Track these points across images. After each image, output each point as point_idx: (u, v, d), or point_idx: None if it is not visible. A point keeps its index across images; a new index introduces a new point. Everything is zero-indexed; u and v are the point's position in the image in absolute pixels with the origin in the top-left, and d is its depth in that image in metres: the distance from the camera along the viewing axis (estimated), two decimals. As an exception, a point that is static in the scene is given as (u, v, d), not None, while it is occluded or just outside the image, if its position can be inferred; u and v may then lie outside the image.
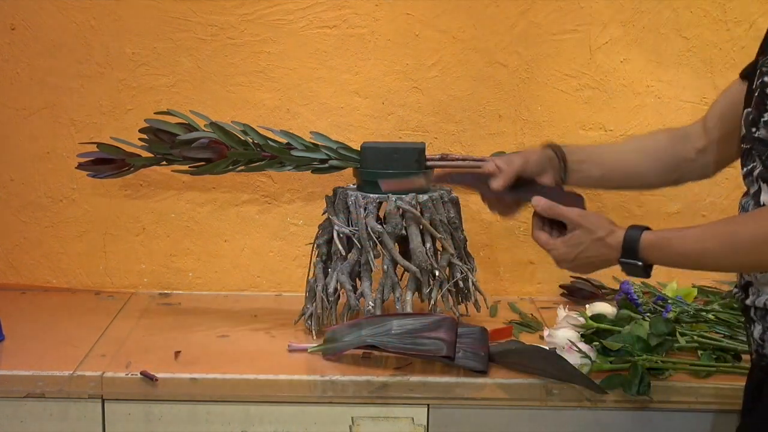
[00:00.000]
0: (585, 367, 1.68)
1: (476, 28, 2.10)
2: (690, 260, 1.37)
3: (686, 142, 1.62)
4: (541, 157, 1.62)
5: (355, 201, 1.85)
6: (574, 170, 1.64)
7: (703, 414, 1.68)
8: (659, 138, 1.66)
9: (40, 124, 2.12)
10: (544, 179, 1.62)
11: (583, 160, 1.64)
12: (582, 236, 1.48)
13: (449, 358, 1.69)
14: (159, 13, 2.08)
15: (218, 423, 1.69)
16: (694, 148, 1.61)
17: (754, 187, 1.36)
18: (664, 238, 1.39)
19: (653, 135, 1.69)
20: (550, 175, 1.63)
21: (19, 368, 1.69)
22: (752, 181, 1.37)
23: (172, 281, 2.19)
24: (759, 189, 1.34)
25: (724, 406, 1.66)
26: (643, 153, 1.64)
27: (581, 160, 1.64)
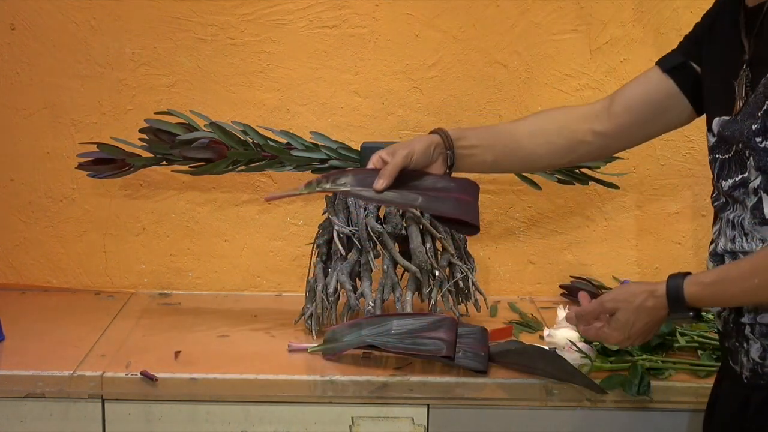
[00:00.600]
0: (585, 367, 1.68)
1: (476, 28, 2.10)
2: (737, 301, 1.34)
3: (584, 122, 1.57)
4: (426, 146, 1.52)
5: (355, 201, 1.85)
6: (465, 155, 1.56)
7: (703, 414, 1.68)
8: (555, 118, 1.60)
9: (40, 124, 2.12)
10: (434, 168, 1.53)
11: (474, 144, 1.56)
12: (625, 315, 1.41)
13: (449, 358, 1.69)
14: (159, 13, 2.08)
15: (218, 423, 1.69)
16: (593, 131, 1.57)
17: (751, 200, 1.33)
18: (708, 288, 1.34)
19: (548, 115, 1.62)
20: (439, 163, 1.54)
21: (19, 368, 1.69)
22: (746, 193, 1.33)
23: (172, 281, 2.19)
24: (760, 200, 1.31)
25: (724, 406, 1.66)
26: (537, 136, 1.58)
27: (472, 145, 1.56)
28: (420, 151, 1.51)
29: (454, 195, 1.52)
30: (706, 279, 1.34)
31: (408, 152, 1.49)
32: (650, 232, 2.17)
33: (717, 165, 1.38)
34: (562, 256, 2.19)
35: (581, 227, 2.17)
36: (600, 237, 2.17)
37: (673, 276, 1.37)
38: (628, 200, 2.15)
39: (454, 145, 1.54)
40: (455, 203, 1.51)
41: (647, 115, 1.52)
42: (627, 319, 1.40)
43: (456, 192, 1.52)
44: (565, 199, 2.16)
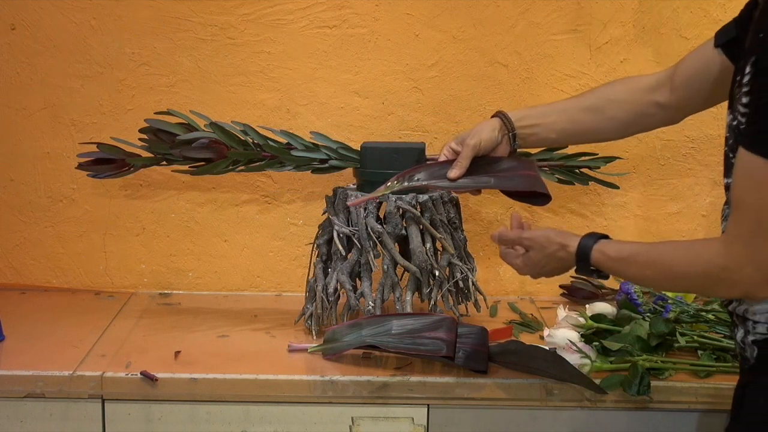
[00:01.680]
0: (585, 367, 1.68)
1: (476, 28, 2.10)
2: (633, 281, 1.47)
3: (647, 94, 1.59)
4: (491, 131, 1.63)
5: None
6: (528, 135, 1.65)
7: (703, 414, 1.68)
8: (615, 91, 1.63)
9: (40, 124, 2.12)
10: (499, 150, 1.65)
11: (536, 124, 1.65)
12: (536, 256, 1.54)
13: (449, 358, 1.69)
14: (159, 13, 2.08)
15: (218, 423, 1.69)
16: (656, 102, 1.59)
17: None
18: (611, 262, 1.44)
19: (608, 88, 1.65)
20: (504, 145, 1.65)
21: (19, 368, 1.69)
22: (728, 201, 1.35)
23: (172, 281, 2.19)
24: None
25: (723, 406, 1.65)
26: (599, 112, 1.63)
27: (533, 124, 1.65)
28: (487, 138, 1.62)
29: (520, 172, 1.64)
30: (611, 252, 1.44)
31: (476, 141, 1.62)
32: (650, 232, 2.17)
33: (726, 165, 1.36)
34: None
35: (581, 227, 2.17)
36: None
37: (587, 237, 1.48)
38: (628, 200, 2.15)
39: (515, 126, 1.64)
40: (523, 179, 1.64)
41: (706, 88, 1.52)
42: (538, 260, 1.54)
43: (520, 170, 1.65)
44: (565, 199, 2.16)
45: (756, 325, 1.33)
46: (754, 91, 1.23)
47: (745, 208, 1.25)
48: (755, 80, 1.23)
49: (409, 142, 2.07)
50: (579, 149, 1.98)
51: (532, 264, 1.56)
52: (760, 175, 1.22)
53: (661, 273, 1.38)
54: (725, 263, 1.28)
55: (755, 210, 1.24)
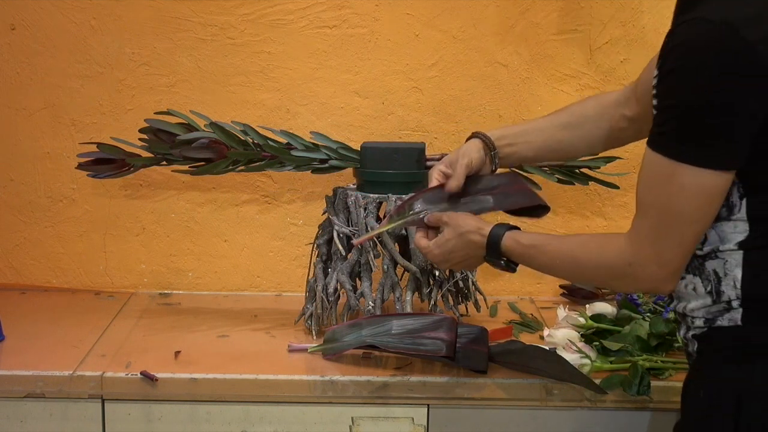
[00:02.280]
0: (585, 367, 1.68)
1: (476, 28, 2.10)
2: (542, 271, 1.50)
3: (616, 108, 1.60)
4: (479, 153, 1.62)
5: (355, 201, 1.85)
6: (508, 154, 1.64)
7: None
8: (588, 108, 1.64)
9: (40, 124, 2.12)
10: (484, 170, 1.64)
11: (515, 143, 1.64)
12: (448, 234, 1.55)
13: (449, 358, 1.69)
14: (159, 13, 2.08)
15: (218, 423, 1.69)
16: (625, 116, 1.59)
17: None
18: (523, 248, 1.47)
19: (581, 106, 1.65)
20: (487, 164, 1.64)
21: (19, 368, 1.69)
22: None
23: (172, 281, 2.19)
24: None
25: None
26: (572, 128, 1.63)
27: (512, 143, 1.64)
28: (476, 157, 1.61)
29: (514, 188, 1.64)
30: (523, 240, 1.47)
31: (468, 161, 1.60)
32: (650, 232, 2.16)
33: None
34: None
35: (581, 227, 2.17)
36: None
37: (499, 225, 1.51)
38: (628, 200, 2.15)
39: (496, 145, 1.63)
40: (519, 194, 1.64)
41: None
42: (448, 241, 1.54)
43: (513, 185, 1.65)
44: (565, 199, 2.16)
45: (694, 320, 1.37)
46: (658, 93, 1.26)
47: (648, 206, 1.30)
48: (659, 83, 1.26)
49: (409, 142, 2.07)
50: (579, 149, 1.98)
51: (442, 245, 1.55)
52: (661, 173, 1.27)
53: (569, 264, 1.42)
54: (630, 259, 1.32)
55: (657, 208, 1.29)
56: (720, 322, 1.34)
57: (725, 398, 1.31)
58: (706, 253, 1.33)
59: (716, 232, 1.32)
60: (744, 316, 1.32)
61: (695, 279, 1.35)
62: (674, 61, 1.23)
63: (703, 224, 1.29)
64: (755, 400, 1.29)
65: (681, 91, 1.24)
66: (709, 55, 1.21)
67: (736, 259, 1.31)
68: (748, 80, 1.21)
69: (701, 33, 1.21)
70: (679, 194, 1.26)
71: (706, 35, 1.21)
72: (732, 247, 1.31)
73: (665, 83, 1.25)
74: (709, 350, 1.37)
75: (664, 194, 1.28)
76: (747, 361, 1.31)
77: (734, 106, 1.22)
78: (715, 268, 1.33)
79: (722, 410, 1.31)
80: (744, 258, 1.31)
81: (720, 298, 1.33)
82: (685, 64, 1.22)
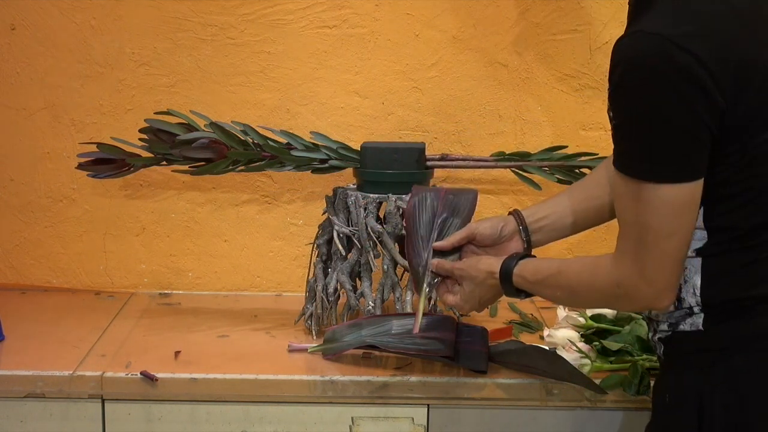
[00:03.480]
0: (585, 367, 1.68)
1: (476, 28, 2.10)
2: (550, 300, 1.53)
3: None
4: (493, 224, 1.62)
5: (355, 201, 1.85)
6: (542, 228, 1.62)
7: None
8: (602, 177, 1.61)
9: (40, 124, 2.12)
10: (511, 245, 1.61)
11: (548, 214, 1.62)
12: (469, 287, 1.58)
13: (449, 358, 1.69)
14: (159, 13, 2.08)
15: (218, 423, 1.69)
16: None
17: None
18: (528, 283, 1.49)
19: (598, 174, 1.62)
20: (516, 241, 1.61)
21: (19, 368, 1.69)
22: None
23: (172, 281, 2.19)
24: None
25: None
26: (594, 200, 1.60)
27: (547, 215, 1.62)
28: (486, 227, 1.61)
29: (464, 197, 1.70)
30: (528, 275, 1.49)
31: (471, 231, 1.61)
32: (650, 232, 2.16)
33: None
34: (562, 256, 2.18)
35: (581, 227, 2.17)
36: (600, 237, 2.17)
37: (508, 260, 1.52)
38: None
39: (526, 222, 1.61)
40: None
41: None
42: (472, 291, 1.57)
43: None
44: (565, 199, 2.16)
45: (659, 323, 1.40)
46: (611, 110, 1.27)
47: (625, 224, 1.31)
48: (609, 100, 1.27)
49: (409, 142, 2.07)
50: (579, 149, 1.98)
51: (468, 297, 1.58)
52: (627, 192, 1.28)
53: (569, 294, 1.45)
54: (617, 280, 1.33)
55: (632, 226, 1.29)
56: (683, 327, 1.37)
57: (689, 401, 1.34)
58: None
59: None
60: (705, 320, 1.34)
61: None
62: (620, 77, 1.24)
63: (680, 236, 1.28)
64: (717, 402, 1.32)
65: (630, 107, 1.24)
66: (654, 70, 1.21)
67: (695, 266, 1.34)
68: (691, 93, 1.21)
69: (642, 47, 1.22)
70: (647, 210, 1.26)
71: (647, 49, 1.21)
72: (691, 254, 1.33)
73: (613, 99, 1.26)
74: (673, 354, 1.40)
75: (635, 212, 1.27)
76: (708, 365, 1.34)
77: (686, 118, 1.22)
78: None
79: (686, 413, 1.34)
80: (702, 265, 1.33)
81: (681, 304, 1.36)
82: (630, 79, 1.23)
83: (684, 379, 1.37)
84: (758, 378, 1.31)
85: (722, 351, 1.33)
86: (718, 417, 1.32)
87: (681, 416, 1.35)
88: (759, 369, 1.31)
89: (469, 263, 1.59)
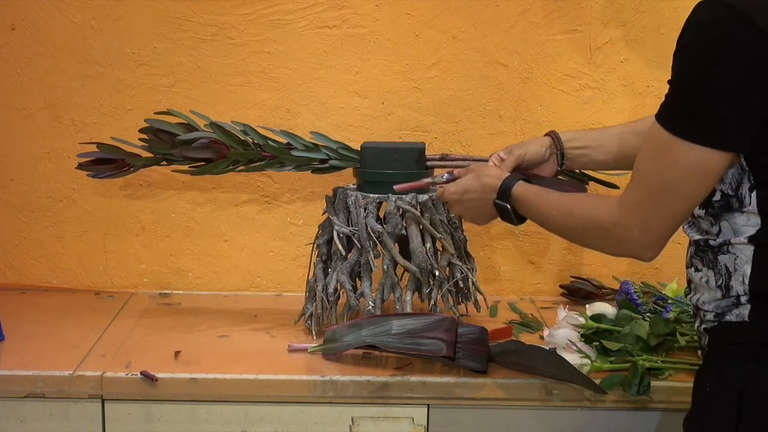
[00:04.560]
0: (585, 367, 1.68)
1: (476, 28, 2.10)
2: (539, 221, 1.54)
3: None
4: (539, 149, 1.71)
5: (355, 201, 1.85)
6: (576, 156, 1.72)
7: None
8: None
9: (40, 124, 2.12)
10: (547, 166, 1.71)
11: (586, 146, 1.71)
12: (469, 177, 1.64)
13: (449, 358, 1.69)
14: (159, 13, 2.08)
15: (218, 423, 1.69)
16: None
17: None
18: (529, 195, 1.54)
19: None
20: (551, 164, 1.72)
21: (19, 368, 1.69)
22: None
23: (172, 281, 2.19)
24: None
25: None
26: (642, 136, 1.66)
27: (583, 146, 1.72)
28: (533, 151, 1.70)
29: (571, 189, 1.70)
30: (531, 188, 1.55)
31: (522, 152, 1.69)
32: (650, 232, 2.16)
33: None
34: (562, 256, 2.19)
35: (581, 227, 2.17)
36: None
37: (514, 175, 1.59)
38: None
39: (564, 147, 1.71)
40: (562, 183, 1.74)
41: None
42: (466, 181, 1.63)
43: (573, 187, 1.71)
44: (565, 199, 2.16)
45: (706, 313, 1.39)
46: (672, 67, 1.30)
47: (642, 174, 1.34)
48: (674, 57, 1.30)
49: (409, 142, 2.07)
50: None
51: (459, 183, 1.65)
52: (659, 144, 1.30)
53: (564, 216, 1.47)
54: (616, 220, 1.37)
55: (650, 177, 1.33)
56: (729, 317, 1.36)
57: (729, 393, 1.33)
58: (718, 245, 1.36)
59: (729, 223, 1.34)
60: (751, 312, 1.34)
61: (709, 272, 1.38)
62: (688, 38, 1.27)
63: (692, 200, 1.33)
64: (759, 396, 1.30)
65: (689, 68, 1.27)
66: (720, 38, 1.23)
67: (746, 255, 1.34)
68: (755, 67, 1.23)
69: (717, 15, 1.24)
70: (672, 167, 1.29)
71: (721, 18, 1.23)
72: (743, 241, 1.33)
73: (678, 58, 1.29)
74: (718, 345, 1.39)
75: (659, 165, 1.31)
76: (753, 358, 1.32)
77: (737, 91, 1.24)
78: (726, 263, 1.35)
79: (725, 405, 1.33)
80: (754, 254, 1.33)
81: (729, 292, 1.35)
82: (697, 42, 1.25)
83: (726, 371, 1.35)
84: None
85: (767, 344, 1.32)
86: (759, 411, 1.30)
87: (720, 408, 1.34)
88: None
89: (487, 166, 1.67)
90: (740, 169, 1.31)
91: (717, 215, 1.36)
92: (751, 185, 1.31)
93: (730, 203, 1.33)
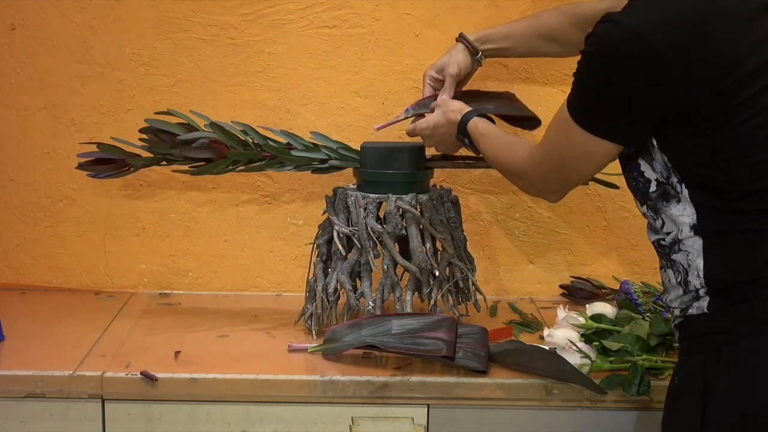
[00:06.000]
0: (585, 367, 1.68)
1: (476, 28, 2.08)
2: (484, 156, 1.70)
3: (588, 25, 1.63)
4: (466, 59, 1.86)
5: (355, 201, 1.85)
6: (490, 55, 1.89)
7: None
8: (562, 22, 1.82)
9: (40, 124, 2.12)
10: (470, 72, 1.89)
11: (498, 47, 1.87)
12: (437, 112, 1.79)
13: (449, 358, 1.69)
14: (159, 13, 2.08)
15: (218, 423, 1.69)
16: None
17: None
18: (475, 133, 1.70)
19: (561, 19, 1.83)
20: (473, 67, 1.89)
21: (19, 368, 1.69)
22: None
23: (172, 281, 2.19)
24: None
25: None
26: (552, 41, 1.84)
27: (495, 48, 1.87)
28: (463, 62, 1.86)
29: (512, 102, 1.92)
30: (479, 127, 1.70)
31: (455, 70, 1.85)
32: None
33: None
34: (562, 256, 2.19)
35: (581, 227, 2.17)
36: (600, 237, 2.17)
37: (472, 111, 1.74)
38: (628, 200, 2.15)
39: (479, 49, 1.87)
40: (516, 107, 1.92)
41: None
42: (436, 116, 1.79)
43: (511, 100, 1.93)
44: (565, 199, 2.15)
45: (674, 310, 1.46)
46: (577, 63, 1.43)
47: (547, 140, 1.51)
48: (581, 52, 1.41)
49: (409, 142, 2.07)
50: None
51: (429, 119, 1.79)
52: (563, 122, 1.45)
53: (493, 155, 1.66)
54: (525, 169, 1.57)
55: (551, 144, 1.49)
56: (691, 311, 1.42)
57: (695, 384, 1.38)
58: (669, 243, 1.43)
59: (668, 215, 1.42)
60: (710, 304, 1.39)
61: (669, 271, 1.45)
62: (589, 45, 1.38)
63: (583, 174, 1.51)
64: (722, 385, 1.35)
65: (585, 72, 1.41)
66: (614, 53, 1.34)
67: (697, 249, 1.40)
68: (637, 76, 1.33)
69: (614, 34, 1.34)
70: (568, 144, 1.45)
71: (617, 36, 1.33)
72: (689, 234, 1.39)
73: (581, 58, 1.41)
74: (685, 339, 1.45)
75: (559, 139, 1.47)
76: (715, 348, 1.37)
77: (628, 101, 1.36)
78: (680, 260, 1.42)
79: (692, 396, 1.37)
80: (703, 247, 1.39)
81: (688, 287, 1.41)
82: (595, 51, 1.37)
83: (691, 363, 1.40)
84: (764, 361, 1.33)
85: (727, 334, 1.37)
86: (723, 400, 1.34)
87: (687, 399, 1.39)
88: (765, 352, 1.33)
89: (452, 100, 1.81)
90: (665, 165, 1.40)
91: (656, 209, 1.44)
92: (678, 179, 1.39)
93: (666, 191, 1.41)
